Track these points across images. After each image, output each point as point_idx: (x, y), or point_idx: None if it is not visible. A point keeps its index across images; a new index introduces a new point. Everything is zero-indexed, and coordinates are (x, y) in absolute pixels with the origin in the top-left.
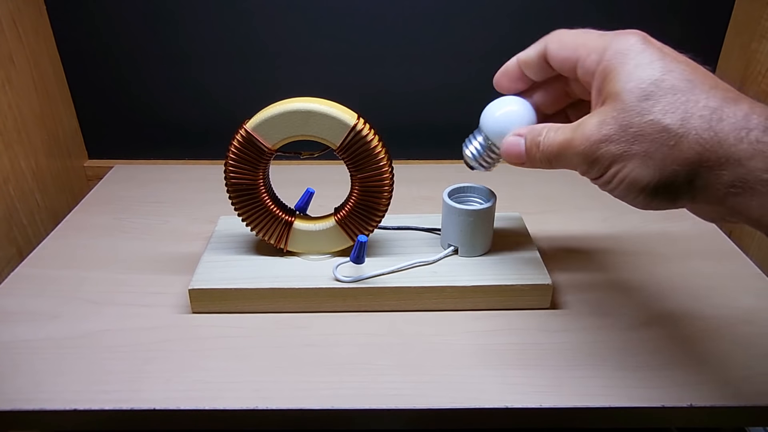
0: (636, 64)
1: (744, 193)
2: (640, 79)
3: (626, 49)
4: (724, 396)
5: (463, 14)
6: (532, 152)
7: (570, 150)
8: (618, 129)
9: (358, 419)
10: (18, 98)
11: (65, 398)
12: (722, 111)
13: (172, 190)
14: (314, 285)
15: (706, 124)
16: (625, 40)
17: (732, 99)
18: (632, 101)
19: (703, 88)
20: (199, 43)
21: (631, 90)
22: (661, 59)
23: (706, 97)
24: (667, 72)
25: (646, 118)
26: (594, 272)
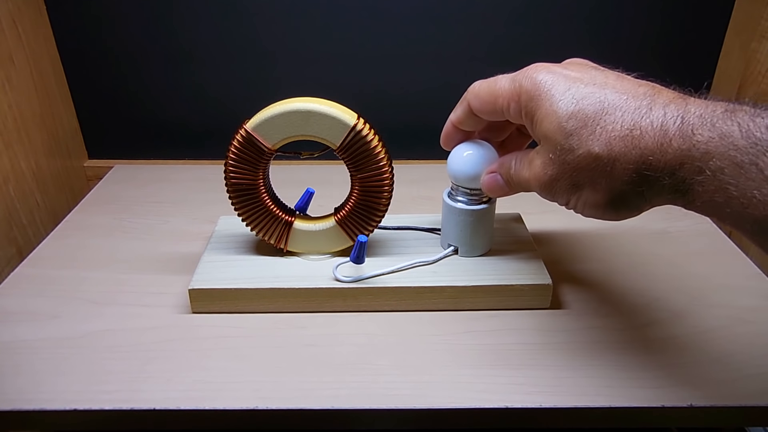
0: (550, 104)
1: (686, 195)
2: (558, 118)
3: (537, 90)
4: (724, 396)
5: (464, 14)
6: (511, 182)
7: (531, 186)
8: (559, 169)
9: (358, 419)
10: (18, 98)
11: (65, 398)
12: (639, 126)
13: (172, 190)
14: (314, 285)
15: (629, 144)
16: (532, 81)
17: (646, 107)
18: (560, 141)
19: (615, 106)
20: (200, 43)
21: (555, 131)
22: (569, 88)
23: (621, 116)
24: (578, 102)
25: (577, 153)
26: (594, 272)
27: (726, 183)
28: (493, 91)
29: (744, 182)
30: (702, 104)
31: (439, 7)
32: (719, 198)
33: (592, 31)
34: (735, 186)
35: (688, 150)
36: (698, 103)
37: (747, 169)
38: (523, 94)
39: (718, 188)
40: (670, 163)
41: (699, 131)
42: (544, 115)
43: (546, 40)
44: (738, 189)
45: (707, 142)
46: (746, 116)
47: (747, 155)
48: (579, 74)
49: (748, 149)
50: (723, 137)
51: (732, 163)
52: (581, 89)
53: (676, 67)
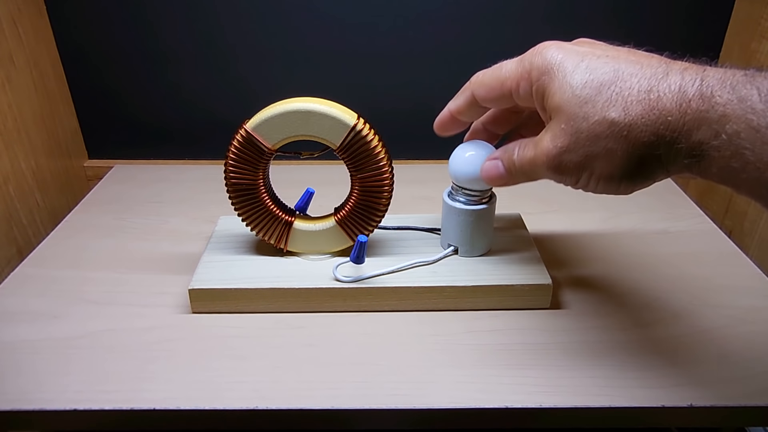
0: (563, 75)
1: (702, 161)
2: (572, 87)
3: (548, 65)
4: (724, 396)
5: (464, 14)
6: (512, 170)
7: (537, 166)
8: (570, 139)
9: (358, 419)
10: (18, 98)
11: (66, 398)
12: (657, 90)
13: (172, 190)
14: (314, 285)
15: (647, 106)
16: (543, 57)
17: (662, 73)
18: (574, 110)
19: (630, 73)
20: (200, 43)
21: (569, 100)
22: (582, 60)
23: (637, 81)
24: (592, 71)
25: (592, 119)
26: (594, 272)
27: (742, 147)
28: (498, 76)
29: (760, 146)
30: (720, 70)
31: (439, 7)
32: (735, 163)
33: (592, 31)
34: (751, 150)
35: (706, 111)
36: (716, 69)
37: (763, 133)
38: (534, 70)
39: (735, 153)
40: (688, 124)
41: (718, 93)
42: (557, 87)
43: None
44: (754, 154)
45: (725, 104)
46: (766, 81)
47: (764, 119)
48: (590, 49)
49: (766, 113)
50: (742, 100)
51: (749, 126)
52: (594, 61)
53: None
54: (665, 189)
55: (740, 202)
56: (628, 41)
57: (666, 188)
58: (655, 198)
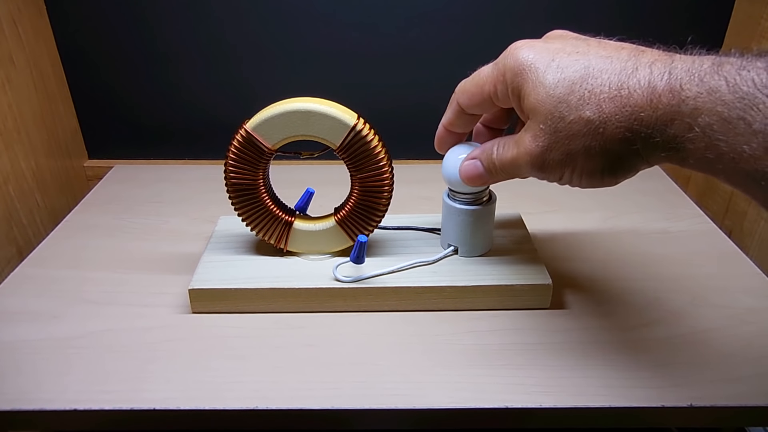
0: (536, 76)
1: (679, 153)
2: (545, 87)
3: (520, 66)
4: (724, 396)
5: (465, 14)
6: (492, 169)
7: (520, 165)
8: (550, 138)
9: (358, 419)
10: (18, 98)
11: (66, 398)
12: (627, 86)
13: (172, 190)
14: (314, 285)
15: (619, 103)
16: (514, 58)
17: (631, 68)
18: (549, 110)
19: (600, 69)
20: (200, 43)
21: (543, 101)
22: (553, 59)
23: (607, 78)
24: (563, 70)
25: (568, 119)
26: (594, 272)
27: (716, 139)
28: (477, 81)
29: (733, 137)
30: (688, 60)
31: (439, 7)
32: (710, 154)
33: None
34: (725, 142)
35: (677, 106)
36: (684, 58)
37: (735, 124)
38: (508, 72)
39: (709, 145)
40: (661, 119)
41: (687, 86)
42: (531, 88)
43: None
44: (728, 144)
45: (695, 98)
46: (733, 69)
47: (735, 110)
48: (561, 45)
49: (736, 104)
50: (711, 92)
51: (720, 118)
52: (564, 58)
53: None
54: (665, 189)
55: (740, 202)
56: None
57: (666, 188)
58: (655, 198)
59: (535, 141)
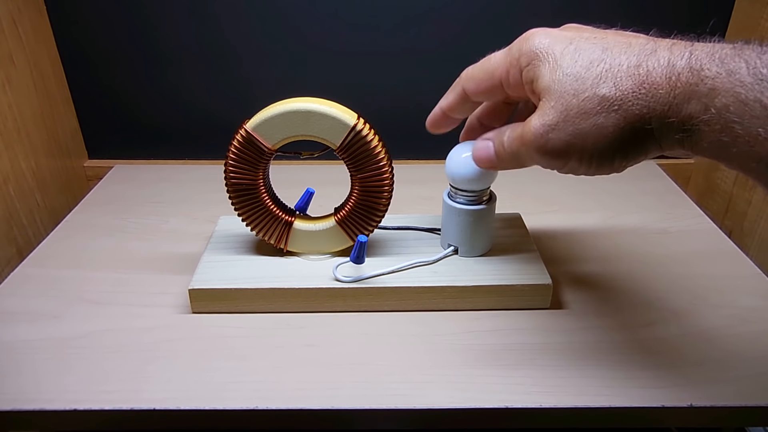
0: (553, 59)
1: (693, 135)
2: (561, 67)
3: (537, 50)
4: (724, 396)
5: (465, 14)
6: (501, 152)
7: (524, 145)
8: (559, 116)
9: (358, 419)
10: (18, 98)
11: (66, 398)
12: (646, 64)
13: (172, 190)
14: (314, 285)
15: (637, 81)
16: (531, 43)
17: (650, 50)
18: (564, 87)
19: (619, 50)
20: (200, 44)
21: (558, 79)
22: (571, 42)
23: (626, 57)
24: (581, 51)
25: (582, 96)
26: (594, 272)
27: (731, 121)
28: (487, 67)
29: (749, 120)
30: (708, 44)
31: (439, 7)
32: (725, 137)
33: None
34: (740, 124)
35: (695, 85)
36: (704, 44)
37: (752, 106)
38: (523, 57)
39: (724, 127)
40: (678, 97)
41: (707, 66)
42: (546, 70)
43: None
44: (743, 127)
45: (714, 78)
46: (753, 53)
47: (752, 92)
48: (577, 33)
49: (754, 86)
50: (730, 73)
51: (737, 100)
52: (582, 42)
53: None
54: (665, 189)
55: (740, 202)
56: None
57: (666, 188)
58: (655, 198)
59: (542, 119)
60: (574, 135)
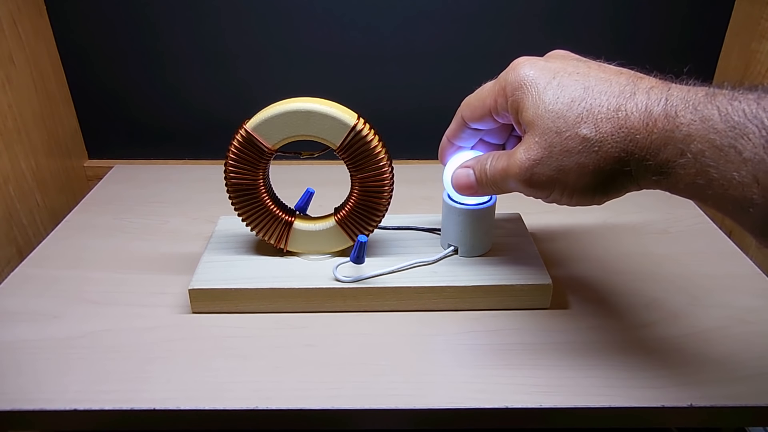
0: (536, 91)
1: (670, 178)
2: (544, 102)
3: (521, 81)
4: (724, 396)
5: (465, 14)
6: (482, 180)
7: (508, 177)
8: (543, 152)
9: (358, 419)
10: (18, 98)
11: (66, 398)
12: (625, 109)
13: (172, 190)
14: (314, 285)
15: (616, 124)
16: (516, 74)
17: (629, 92)
18: (547, 124)
19: (599, 90)
20: (199, 44)
21: (541, 115)
22: (554, 77)
23: (606, 99)
24: (563, 88)
25: (565, 135)
26: (594, 272)
27: (707, 165)
28: (480, 95)
29: (724, 164)
30: (683, 89)
31: (439, 7)
32: (701, 180)
33: (593, 31)
34: (715, 168)
35: (671, 131)
36: (680, 87)
37: (726, 151)
38: (508, 86)
39: (700, 171)
40: (655, 143)
41: (682, 113)
42: (530, 103)
43: (546, 40)
44: (718, 171)
45: (689, 125)
46: (725, 100)
47: (726, 138)
48: (562, 65)
49: (727, 132)
50: (704, 120)
51: (712, 146)
52: (565, 78)
53: (676, 67)
54: None
55: None
56: (629, 41)
57: None
58: (655, 198)
59: (528, 153)
60: (558, 170)
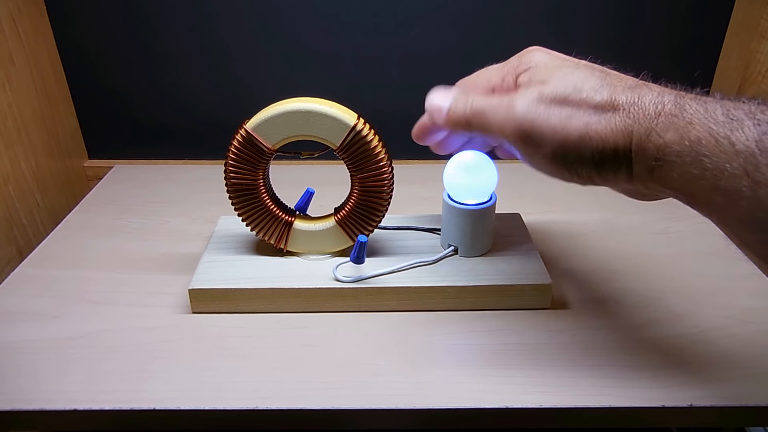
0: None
1: (665, 165)
2: (562, 72)
3: (536, 60)
4: (724, 396)
5: (465, 14)
6: (459, 105)
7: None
8: (555, 99)
9: (358, 419)
10: (18, 98)
11: (66, 398)
12: (641, 88)
13: (172, 190)
14: (314, 285)
15: (630, 100)
16: (531, 55)
17: (643, 84)
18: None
19: (617, 75)
20: (199, 43)
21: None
22: (569, 59)
23: (621, 83)
24: (581, 66)
25: (581, 94)
26: (594, 272)
27: (702, 155)
28: (485, 75)
29: (718, 155)
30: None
31: (439, 7)
32: (695, 170)
33: (593, 31)
34: (709, 159)
35: (676, 116)
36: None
37: (721, 142)
38: (521, 65)
39: (695, 159)
40: (660, 125)
41: (689, 103)
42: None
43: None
44: (712, 161)
45: (693, 114)
46: (730, 102)
47: (723, 128)
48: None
49: (725, 124)
50: (707, 111)
51: (709, 135)
52: (581, 64)
53: (676, 67)
54: None
55: None
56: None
57: None
58: None
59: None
60: (563, 122)
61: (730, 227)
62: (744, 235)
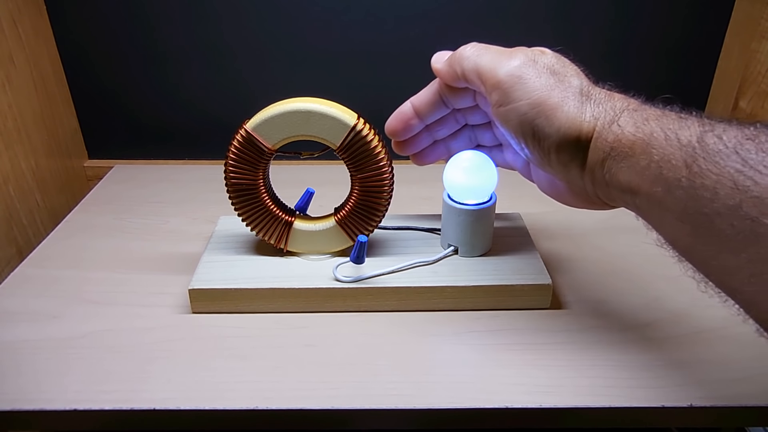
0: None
1: (617, 156)
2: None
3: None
4: (724, 396)
5: (465, 14)
6: (464, 48)
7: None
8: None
9: (358, 419)
10: (18, 98)
11: (66, 398)
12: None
13: (172, 190)
14: (314, 285)
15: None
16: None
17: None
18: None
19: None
20: (199, 43)
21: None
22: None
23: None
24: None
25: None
26: (594, 272)
27: (652, 146)
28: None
29: (665, 147)
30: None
31: (440, 7)
32: (644, 161)
33: (593, 31)
34: (657, 150)
35: (637, 111)
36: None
37: (670, 137)
38: None
39: (644, 151)
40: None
41: (649, 107)
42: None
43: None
44: (659, 153)
45: (652, 112)
46: (682, 112)
47: (674, 125)
48: None
49: (676, 122)
50: (663, 113)
51: (661, 129)
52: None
53: (676, 67)
54: None
55: None
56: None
57: None
58: None
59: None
60: (547, 88)
61: (663, 221)
62: (675, 227)
